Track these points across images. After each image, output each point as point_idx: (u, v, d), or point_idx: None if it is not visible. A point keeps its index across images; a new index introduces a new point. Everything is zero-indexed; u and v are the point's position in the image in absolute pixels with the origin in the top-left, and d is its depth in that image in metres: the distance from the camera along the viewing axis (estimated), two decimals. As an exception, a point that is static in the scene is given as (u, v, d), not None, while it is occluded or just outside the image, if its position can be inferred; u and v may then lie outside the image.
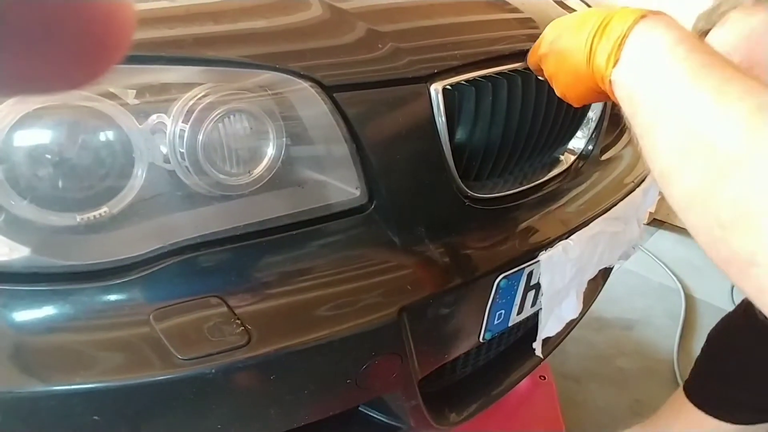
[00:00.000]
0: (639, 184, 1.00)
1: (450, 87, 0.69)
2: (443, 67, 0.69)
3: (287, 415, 0.62)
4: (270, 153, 0.57)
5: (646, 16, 0.48)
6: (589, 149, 0.96)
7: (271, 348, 0.55)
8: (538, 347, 0.91)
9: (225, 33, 0.59)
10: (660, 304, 1.94)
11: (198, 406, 0.54)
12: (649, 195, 1.04)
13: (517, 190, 0.81)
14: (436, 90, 0.67)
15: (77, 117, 0.49)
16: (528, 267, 0.77)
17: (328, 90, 0.60)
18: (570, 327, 1.07)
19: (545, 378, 1.35)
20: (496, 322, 0.79)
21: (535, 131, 0.81)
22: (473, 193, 0.74)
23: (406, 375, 0.69)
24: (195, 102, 0.53)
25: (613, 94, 0.51)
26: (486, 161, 0.77)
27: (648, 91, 0.46)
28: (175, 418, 0.55)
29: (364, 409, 0.82)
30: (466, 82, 0.71)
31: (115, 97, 0.51)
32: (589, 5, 1.01)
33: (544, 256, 0.77)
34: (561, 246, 0.79)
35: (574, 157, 0.95)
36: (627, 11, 0.50)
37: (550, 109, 0.81)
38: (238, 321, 0.54)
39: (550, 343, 1.05)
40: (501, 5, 0.88)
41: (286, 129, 0.58)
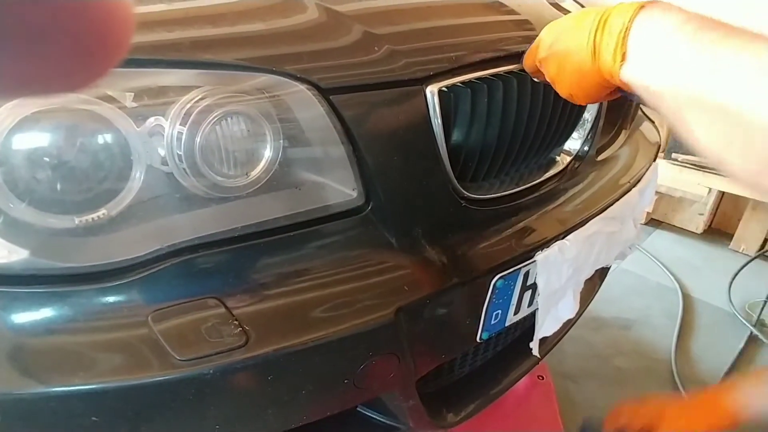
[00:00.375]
0: (635, 184, 1.00)
1: (446, 89, 0.69)
2: (439, 69, 0.69)
3: (285, 416, 0.62)
4: (267, 155, 0.58)
5: (644, 6, 0.47)
6: (585, 150, 0.96)
7: (269, 348, 0.55)
8: (535, 347, 0.91)
9: (222, 36, 0.60)
10: (658, 303, 1.94)
11: (196, 406, 0.55)
12: (645, 195, 1.05)
13: (514, 190, 0.82)
14: (432, 92, 0.67)
15: (75, 120, 0.50)
16: (524, 267, 0.78)
17: (324, 92, 0.60)
18: (567, 327, 1.08)
19: (543, 378, 1.36)
20: (493, 322, 0.79)
21: (531, 132, 0.81)
22: (469, 194, 0.74)
23: (403, 375, 0.70)
24: (192, 105, 0.53)
25: (626, 86, 0.50)
26: (482, 162, 0.78)
27: (665, 80, 0.44)
28: (174, 418, 0.55)
29: (362, 410, 0.83)
30: (461, 84, 0.71)
31: (113, 100, 0.51)
32: (583, 6, 1.01)
33: (540, 256, 0.77)
34: (557, 246, 0.79)
35: (570, 158, 0.95)
36: (624, 5, 0.49)
37: (545, 111, 0.81)
38: (236, 322, 0.55)
39: (547, 343, 1.05)
40: (497, 7, 0.88)
41: (283, 131, 0.58)
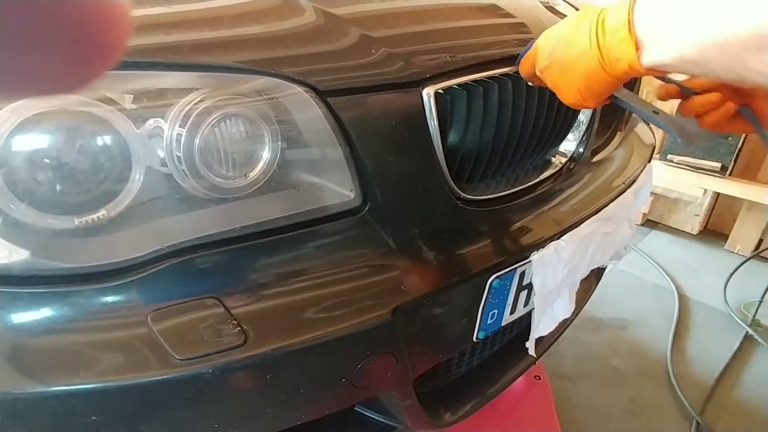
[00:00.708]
0: (630, 185, 1.01)
1: (442, 91, 0.70)
2: (435, 72, 0.70)
3: (283, 415, 0.62)
4: (265, 156, 0.58)
5: None
6: (580, 151, 0.97)
7: (268, 348, 0.55)
8: (531, 346, 0.92)
9: (221, 39, 0.60)
10: (654, 304, 1.95)
11: (195, 405, 0.55)
12: (640, 196, 1.06)
13: (509, 191, 0.82)
14: (428, 94, 0.68)
15: (75, 122, 0.50)
16: (520, 267, 0.78)
17: (322, 94, 0.61)
18: (563, 327, 1.09)
19: (540, 378, 1.36)
20: (489, 321, 0.80)
21: (527, 134, 0.82)
22: (466, 195, 0.75)
23: (400, 374, 0.70)
24: (191, 107, 0.54)
25: (652, 72, 0.48)
26: (478, 163, 0.78)
27: (697, 37, 0.42)
28: (173, 417, 0.55)
29: (360, 409, 0.83)
30: (457, 86, 0.72)
31: (113, 102, 0.51)
32: (578, 9, 1.02)
33: (536, 256, 0.78)
34: (553, 246, 0.80)
35: (565, 159, 0.96)
36: (616, 3, 0.49)
37: (541, 112, 0.82)
38: (234, 321, 0.55)
39: (543, 343, 1.06)
40: (492, 10, 0.89)
41: (281, 133, 0.59)
